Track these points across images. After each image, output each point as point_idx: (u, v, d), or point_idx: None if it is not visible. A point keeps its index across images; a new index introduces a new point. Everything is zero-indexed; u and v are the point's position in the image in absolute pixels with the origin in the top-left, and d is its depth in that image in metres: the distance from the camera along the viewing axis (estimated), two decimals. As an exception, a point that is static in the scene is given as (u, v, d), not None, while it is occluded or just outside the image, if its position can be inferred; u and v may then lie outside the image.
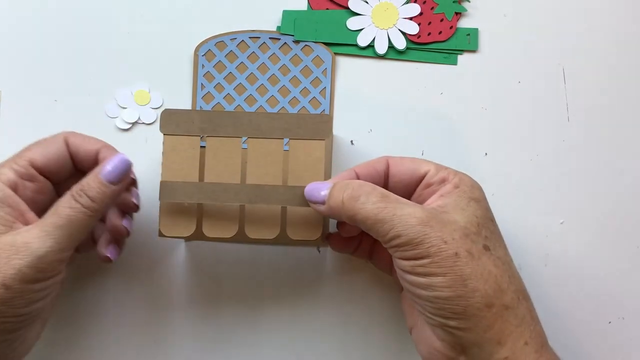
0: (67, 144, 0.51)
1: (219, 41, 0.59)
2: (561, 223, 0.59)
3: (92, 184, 0.48)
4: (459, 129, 0.59)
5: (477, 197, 0.48)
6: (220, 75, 0.59)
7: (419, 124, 0.59)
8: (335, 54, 0.59)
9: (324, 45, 0.59)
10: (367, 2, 0.59)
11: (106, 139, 0.57)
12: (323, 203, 0.48)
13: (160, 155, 0.51)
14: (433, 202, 0.48)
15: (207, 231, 0.51)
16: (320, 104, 0.58)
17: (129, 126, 0.59)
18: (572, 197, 0.59)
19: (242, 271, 0.58)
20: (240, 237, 0.51)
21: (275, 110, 0.58)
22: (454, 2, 0.59)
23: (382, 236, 0.46)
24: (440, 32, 0.59)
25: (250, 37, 0.59)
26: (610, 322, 0.58)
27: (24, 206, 0.49)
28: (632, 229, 0.59)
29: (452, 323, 0.45)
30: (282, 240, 0.51)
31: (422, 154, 0.59)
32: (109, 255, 0.52)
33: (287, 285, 0.58)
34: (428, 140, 0.59)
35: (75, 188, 0.48)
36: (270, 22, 0.59)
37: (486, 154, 0.59)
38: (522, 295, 0.46)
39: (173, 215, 0.50)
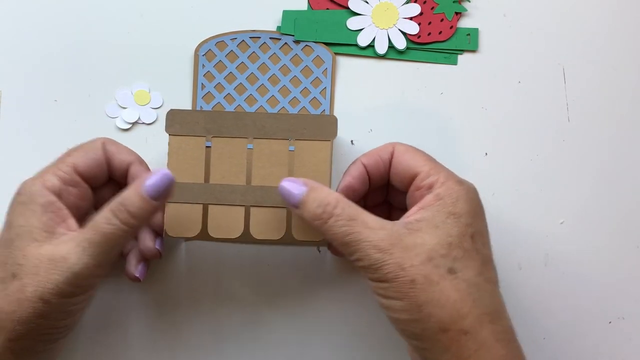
0: (104, 150, 0.51)
1: (220, 41, 0.59)
2: (561, 223, 0.59)
3: (132, 198, 0.46)
4: (459, 129, 0.59)
5: (459, 212, 0.46)
6: (221, 75, 0.59)
7: (419, 124, 0.59)
8: (336, 54, 0.59)
9: (325, 46, 0.59)
10: (367, 2, 0.59)
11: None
12: (296, 207, 0.48)
13: (160, 155, 0.51)
14: (412, 214, 0.47)
15: (213, 232, 0.51)
16: (321, 104, 0.58)
17: (129, 126, 0.59)
18: (572, 197, 0.59)
19: (241, 271, 0.58)
20: (245, 238, 0.51)
21: (275, 110, 0.58)
22: (454, 2, 0.59)
23: (348, 257, 0.47)
24: (440, 32, 0.59)
25: (250, 37, 0.59)
26: (610, 322, 0.58)
27: (66, 212, 0.48)
28: (632, 229, 0.59)
29: (414, 342, 0.46)
30: (286, 240, 0.51)
31: (422, 154, 0.59)
32: (137, 275, 0.53)
33: (286, 285, 0.58)
34: (428, 140, 0.59)
35: (115, 203, 0.47)
36: (270, 22, 0.59)
37: (486, 154, 0.59)
38: (490, 318, 0.45)
39: (178, 215, 0.50)
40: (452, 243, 0.45)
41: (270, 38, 0.59)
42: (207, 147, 0.50)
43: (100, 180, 0.52)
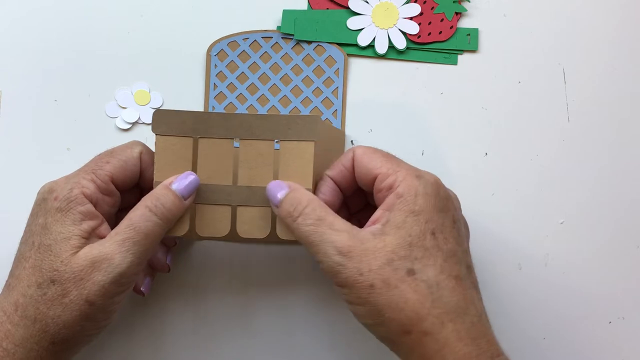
0: (140, 161, 0.51)
1: (232, 41, 0.58)
2: (561, 223, 0.59)
3: (167, 196, 0.48)
4: (459, 129, 0.59)
5: (418, 209, 0.46)
6: (233, 75, 0.58)
7: (419, 124, 0.59)
8: (337, 53, 0.59)
9: (337, 46, 0.59)
10: (367, 2, 0.59)
11: (106, 139, 0.57)
12: (277, 206, 0.49)
13: (160, 155, 0.50)
14: (377, 217, 0.47)
15: (200, 231, 0.51)
16: (333, 103, 0.58)
17: (129, 126, 0.58)
18: (572, 197, 0.59)
19: (236, 270, 0.58)
20: (231, 237, 0.51)
21: (287, 110, 0.58)
22: (454, 2, 0.59)
23: (313, 257, 0.47)
24: (440, 32, 0.59)
25: (262, 37, 0.59)
26: (610, 322, 0.58)
27: (101, 219, 0.48)
28: (632, 229, 0.59)
29: (385, 344, 0.46)
30: (271, 239, 0.51)
31: (422, 154, 0.59)
32: (143, 290, 0.53)
33: (281, 283, 0.58)
34: (428, 140, 0.59)
35: (150, 201, 0.48)
36: (270, 22, 0.59)
37: (486, 154, 0.59)
38: (450, 317, 0.44)
39: None
40: (413, 243, 0.45)
41: (282, 38, 0.59)
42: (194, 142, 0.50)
43: (129, 188, 0.52)
